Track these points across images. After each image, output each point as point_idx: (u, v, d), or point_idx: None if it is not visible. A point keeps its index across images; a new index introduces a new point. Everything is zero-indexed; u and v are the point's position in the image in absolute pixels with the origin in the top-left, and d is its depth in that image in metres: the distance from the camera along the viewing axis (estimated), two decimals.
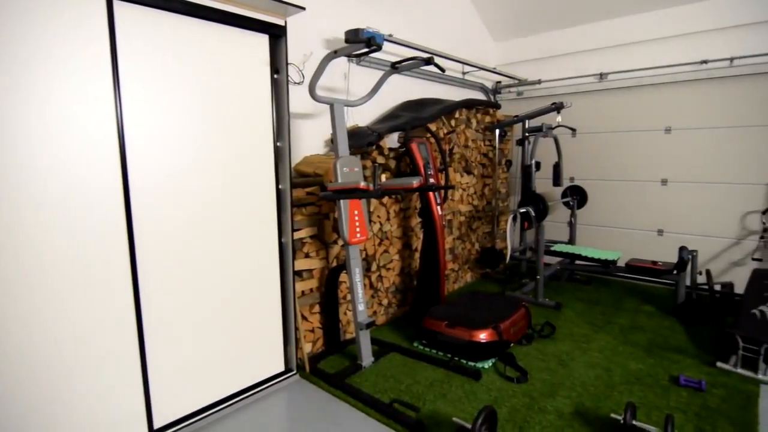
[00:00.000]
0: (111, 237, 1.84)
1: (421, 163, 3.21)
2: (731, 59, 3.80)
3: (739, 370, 2.57)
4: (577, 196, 4.59)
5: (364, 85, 3.40)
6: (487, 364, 2.70)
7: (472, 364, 2.70)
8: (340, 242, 2.93)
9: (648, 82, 4.27)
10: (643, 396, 2.35)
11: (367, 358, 2.69)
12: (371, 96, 2.80)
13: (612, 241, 4.64)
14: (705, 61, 3.93)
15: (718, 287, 3.66)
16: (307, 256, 2.76)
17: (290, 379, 2.59)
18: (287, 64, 2.38)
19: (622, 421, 1.94)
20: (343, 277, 2.93)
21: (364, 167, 3.04)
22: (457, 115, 4.06)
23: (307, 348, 2.81)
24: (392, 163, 3.36)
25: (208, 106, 2.13)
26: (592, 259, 3.86)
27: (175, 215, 2.05)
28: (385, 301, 3.41)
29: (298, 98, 2.92)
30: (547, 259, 4.09)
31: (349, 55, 3.20)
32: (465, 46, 4.71)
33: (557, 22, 4.69)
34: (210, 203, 2.18)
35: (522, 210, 3.78)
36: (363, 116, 3.51)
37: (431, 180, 3.26)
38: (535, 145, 4.12)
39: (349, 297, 2.98)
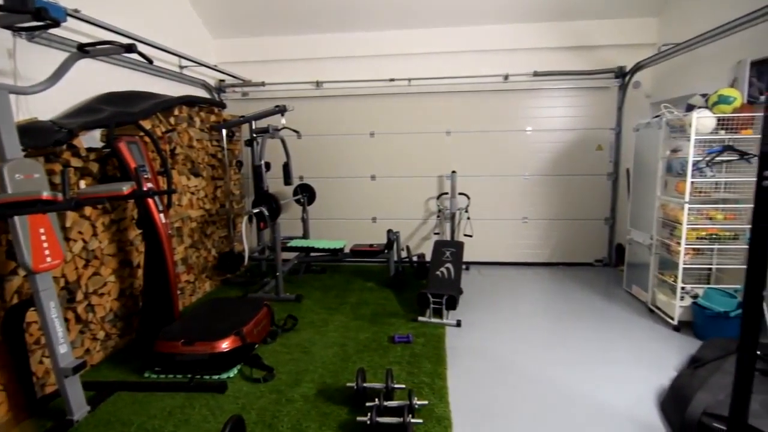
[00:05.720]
0: None
1: (132, 166, 2.78)
2: (409, 80, 4.87)
3: (432, 320, 3.34)
4: (306, 194, 4.95)
5: (44, 69, 2.66)
6: (233, 372, 2.60)
7: (216, 377, 2.55)
8: (22, 272, 2.24)
9: (356, 93, 5.00)
10: (371, 360, 2.76)
11: (79, 409, 2.16)
12: (53, 83, 2.23)
13: (339, 231, 5.24)
14: (392, 80, 4.89)
15: (415, 258, 4.66)
16: None
17: None
18: None
19: (355, 387, 2.23)
20: (32, 315, 2.25)
21: (52, 172, 2.41)
22: (176, 113, 3.72)
23: None
24: (95, 167, 2.79)
25: None
26: (324, 250, 4.26)
27: None
28: (101, 334, 2.82)
29: None
30: (285, 255, 4.28)
31: (10, 27, 2.45)
32: (181, 39, 4.33)
33: (276, 29, 4.89)
34: None
35: (256, 210, 3.80)
36: (47, 108, 2.75)
37: (149, 184, 2.87)
38: (263, 146, 4.21)
39: (44, 340, 2.31)
